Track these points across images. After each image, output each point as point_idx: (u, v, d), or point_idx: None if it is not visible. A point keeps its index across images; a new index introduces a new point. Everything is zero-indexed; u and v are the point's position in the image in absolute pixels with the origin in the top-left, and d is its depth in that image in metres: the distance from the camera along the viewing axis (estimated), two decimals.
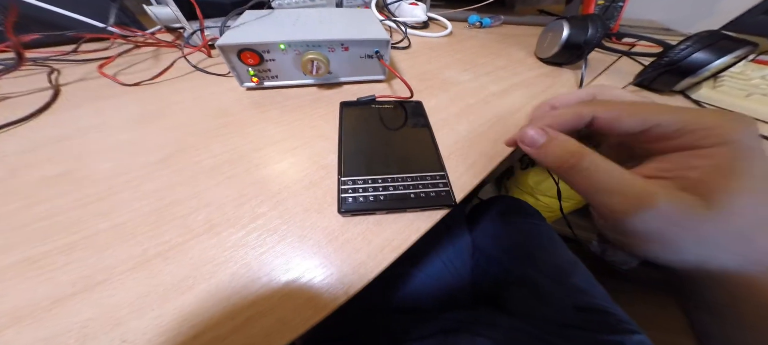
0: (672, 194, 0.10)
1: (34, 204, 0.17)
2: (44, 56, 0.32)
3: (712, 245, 0.10)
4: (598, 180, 0.11)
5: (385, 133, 0.22)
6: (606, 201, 0.11)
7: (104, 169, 0.19)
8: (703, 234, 0.10)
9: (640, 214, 0.10)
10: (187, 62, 0.32)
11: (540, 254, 0.35)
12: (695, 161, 0.10)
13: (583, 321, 0.28)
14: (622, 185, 0.11)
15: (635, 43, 0.47)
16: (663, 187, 0.10)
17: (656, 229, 0.10)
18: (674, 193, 0.10)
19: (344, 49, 0.27)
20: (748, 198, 0.09)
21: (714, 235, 0.10)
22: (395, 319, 0.31)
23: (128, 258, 0.15)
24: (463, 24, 0.55)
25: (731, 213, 0.09)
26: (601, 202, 0.11)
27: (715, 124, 0.10)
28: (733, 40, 0.28)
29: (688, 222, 0.10)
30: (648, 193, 0.10)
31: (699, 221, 0.10)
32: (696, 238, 0.10)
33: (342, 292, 0.14)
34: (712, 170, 0.10)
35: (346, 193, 0.17)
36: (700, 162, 0.10)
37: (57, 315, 0.13)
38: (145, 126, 0.23)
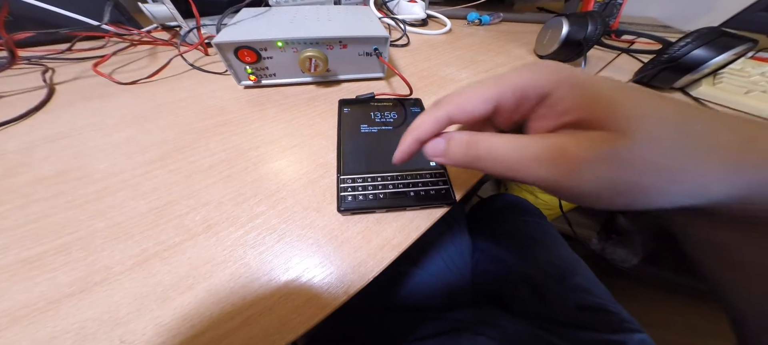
0: (579, 136, 0.10)
1: (29, 204, 0.17)
2: (38, 55, 0.31)
3: (664, 172, 0.09)
4: (507, 160, 0.11)
5: (384, 131, 0.22)
6: (533, 177, 0.11)
7: (101, 168, 0.19)
8: (640, 160, 0.09)
9: (575, 170, 0.10)
10: (184, 60, 0.31)
11: (541, 253, 0.35)
12: (559, 107, 0.11)
13: (584, 320, 0.28)
14: (531, 154, 0.11)
15: (635, 40, 0.47)
16: (567, 135, 0.10)
17: (600, 176, 0.10)
18: (580, 135, 0.10)
19: (343, 47, 0.27)
20: (645, 111, 0.09)
21: (651, 157, 0.09)
22: (396, 319, 0.31)
23: (126, 258, 0.14)
24: (462, 21, 0.55)
25: (643, 129, 0.09)
26: (530, 179, 0.11)
27: (534, 78, 0.11)
28: (733, 36, 0.28)
29: (613, 157, 0.09)
30: (561, 148, 0.10)
31: (624, 151, 0.09)
32: (639, 168, 0.09)
33: (342, 291, 0.14)
34: (579, 105, 0.10)
35: (345, 191, 0.17)
36: (562, 106, 0.11)
37: (55, 316, 0.12)
38: (142, 125, 0.23)
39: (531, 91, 0.11)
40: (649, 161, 0.09)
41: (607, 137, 0.09)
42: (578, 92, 0.10)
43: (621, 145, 0.09)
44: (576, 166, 0.10)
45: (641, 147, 0.09)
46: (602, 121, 0.10)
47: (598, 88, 0.10)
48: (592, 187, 0.10)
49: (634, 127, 0.09)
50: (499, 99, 0.12)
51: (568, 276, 0.32)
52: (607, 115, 0.09)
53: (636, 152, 0.09)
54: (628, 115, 0.09)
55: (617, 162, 0.09)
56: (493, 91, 0.12)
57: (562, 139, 0.10)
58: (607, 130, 0.09)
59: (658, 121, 0.09)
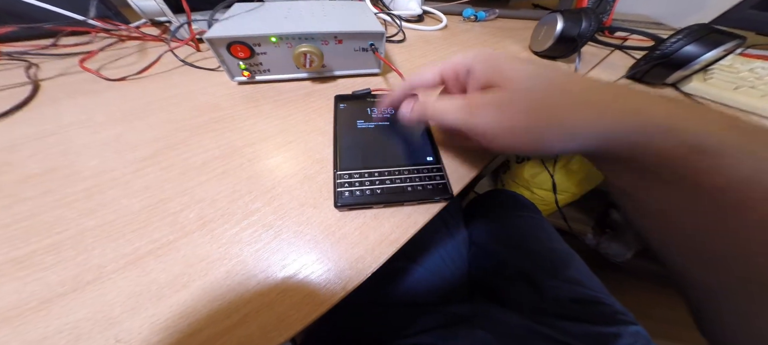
0: (481, 94, 0.15)
1: (16, 203, 0.16)
2: (21, 50, 0.30)
3: (536, 114, 0.13)
4: (439, 109, 0.17)
5: (380, 126, 0.22)
6: (453, 119, 0.16)
7: (90, 166, 0.19)
8: (516, 107, 0.13)
9: (473, 113, 0.15)
10: (175, 56, 0.30)
11: (536, 247, 0.36)
12: (476, 76, 0.16)
13: (579, 313, 0.28)
14: (453, 106, 0.16)
15: (628, 37, 0.48)
16: (475, 94, 0.16)
17: (489, 118, 0.14)
18: (481, 93, 0.15)
19: (338, 42, 0.26)
20: (522, 73, 0.14)
21: (525, 104, 0.13)
22: (394, 314, 0.31)
23: (119, 256, 0.14)
24: (457, 18, 0.55)
25: (518, 84, 0.13)
26: (452, 121, 0.16)
27: (463, 58, 0.17)
28: (722, 33, 0.29)
29: (498, 103, 0.14)
30: (468, 102, 0.15)
31: (505, 100, 0.14)
32: (515, 112, 0.13)
33: (340, 287, 0.14)
34: (486, 73, 0.15)
35: (342, 187, 0.17)
36: (477, 76, 0.16)
37: (47, 316, 0.12)
38: (132, 122, 0.23)
39: (460, 67, 0.17)
40: (524, 107, 0.13)
41: (495, 91, 0.14)
42: (487, 66, 0.15)
43: (504, 96, 0.14)
44: (475, 110, 0.15)
45: (517, 97, 0.13)
46: (497, 82, 0.14)
47: (497, 61, 0.15)
48: (487, 126, 0.14)
49: (514, 85, 0.14)
50: (442, 73, 0.18)
51: (562, 269, 0.33)
52: (501, 79, 0.14)
53: (514, 101, 0.13)
54: (512, 78, 0.14)
55: (500, 106, 0.14)
56: (438, 68, 0.18)
57: (471, 95, 0.16)
58: (498, 87, 0.14)
59: (533, 81, 0.13)
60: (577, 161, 0.64)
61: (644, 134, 0.11)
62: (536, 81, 0.13)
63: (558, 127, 0.13)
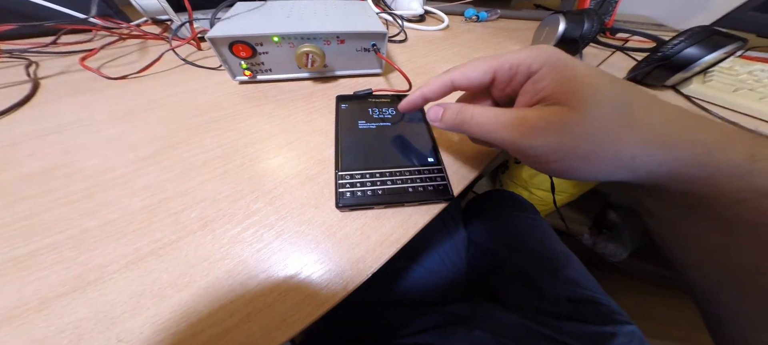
0: (540, 110, 0.12)
1: (16, 201, 0.16)
2: (21, 48, 0.30)
3: (598, 142, 0.11)
4: (484, 124, 0.14)
5: (382, 127, 0.22)
6: (499, 138, 0.14)
7: (91, 165, 0.19)
8: (580, 131, 0.11)
9: (527, 135, 0.12)
10: (176, 55, 0.30)
11: (534, 247, 0.36)
12: (538, 84, 0.13)
13: (576, 312, 0.28)
14: (501, 120, 0.13)
15: (629, 39, 0.48)
16: (532, 109, 0.13)
17: (546, 141, 0.12)
18: (542, 109, 0.13)
19: (340, 42, 0.26)
20: (594, 92, 0.11)
21: (589, 129, 0.11)
22: (393, 313, 0.31)
23: (120, 256, 0.14)
24: (459, 18, 0.55)
25: (588, 106, 0.11)
26: (498, 141, 0.14)
27: (526, 56, 0.14)
28: (723, 35, 0.29)
29: (562, 126, 0.12)
30: (522, 118, 0.13)
31: (572, 123, 0.11)
32: (577, 136, 0.11)
33: (341, 287, 0.14)
34: (553, 83, 0.12)
35: (343, 187, 0.17)
36: (541, 84, 0.13)
37: (48, 315, 0.12)
38: (133, 121, 0.23)
39: (522, 67, 0.14)
40: (591, 134, 0.11)
41: (561, 111, 0.12)
42: (555, 74, 0.12)
43: (571, 118, 0.11)
44: (530, 131, 0.12)
45: (586, 121, 0.11)
46: (565, 99, 0.12)
47: (571, 71, 0.12)
48: (542, 150, 0.12)
49: (585, 106, 0.11)
50: (496, 71, 0.15)
51: (559, 269, 0.33)
52: (572, 96, 0.12)
53: (581, 125, 0.11)
54: (587, 98, 0.11)
55: (565, 131, 0.12)
56: (492, 63, 0.15)
57: (526, 110, 0.13)
58: (565, 105, 0.12)
59: (605, 101, 0.11)
60: None
61: (707, 169, 0.10)
62: (613, 106, 0.11)
63: (619, 156, 0.11)
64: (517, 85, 0.14)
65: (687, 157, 0.11)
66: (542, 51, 0.13)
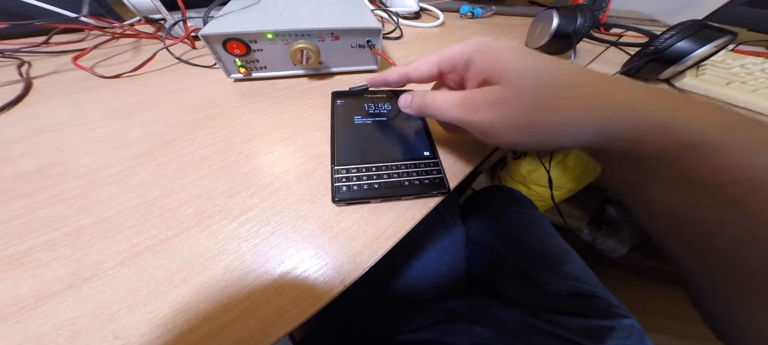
0: (481, 90, 0.14)
1: (10, 200, 0.16)
2: (12, 48, 0.30)
3: (537, 113, 0.13)
4: (439, 105, 0.16)
5: (378, 122, 0.22)
6: (452, 116, 0.15)
7: (85, 162, 0.19)
8: (517, 104, 0.13)
9: (474, 111, 0.14)
10: (170, 54, 0.30)
11: (532, 243, 0.36)
12: (474, 69, 0.15)
13: (575, 307, 0.28)
14: (452, 101, 0.15)
15: (623, 34, 0.48)
16: (474, 90, 0.15)
17: (490, 116, 0.14)
18: (482, 89, 0.14)
19: (335, 39, 0.26)
20: (521, 68, 0.13)
21: (525, 101, 0.13)
22: (392, 309, 0.31)
23: (116, 253, 0.14)
24: (454, 14, 0.55)
25: (516, 80, 0.13)
26: (452, 119, 0.16)
27: (463, 48, 0.16)
28: (714, 29, 0.29)
29: (500, 99, 0.13)
30: (466, 97, 0.15)
31: (507, 97, 0.13)
32: (516, 109, 0.13)
33: (338, 281, 0.14)
34: (485, 66, 0.14)
35: (340, 181, 0.17)
36: (475, 69, 0.15)
37: (44, 313, 0.12)
38: (128, 119, 0.22)
39: (458, 59, 0.16)
40: (524, 105, 0.13)
41: (496, 88, 0.14)
42: (486, 60, 0.14)
43: (504, 92, 0.13)
44: (475, 107, 0.14)
45: (518, 95, 0.13)
46: (497, 78, 0.14)
47: (501, 57, 0.14)
48: (487, 123, 0.14)
49: (514, 82, 0.13)
50: (439, 65, 0.17)
51: (558, 265, 0.33)
52: (500, 75, 0.14)
53: (515, 98, 0.13)
54: (511, 74, 0.13)
55: (502, 104, 0.13)
56: (435, 59, 0.17)
57: (472, 91, 0.15)
58: (498, 83, 0.14)
59: (532, 77, 0.13)
60: (574, 157, 0.65)
61: (637, 129, 0.11)
62: (536, 77, 0.13)
63: (553, 123, 0.13)
64: (461, 74, 0.16)
65: (617, 117, 0.12)
66: (472, 42, 0.15)
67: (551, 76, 0.13)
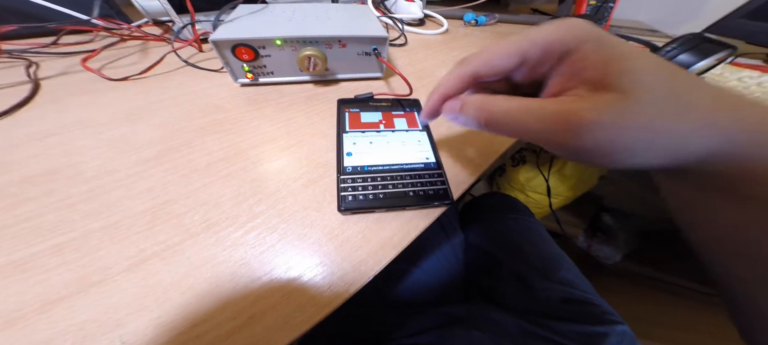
0: (588, 100, 0.10)
1: (18, 203, 0.16)
2: (20, 48, 0.30)
3: (655, 131, 0.10)
4: (519, 119, 0.12)
5: (383, 131, 0.22)
6: (542, 138, 0.11)
7: (93, 166, 0.19)
8: (637, 121, 0.10)
9: (577, 133, 0.10)
10: (178, 57, 0.30)
11: (529, 249, 0.37)
12: (579, 65, 0.11)
13: (570, 313, 0.29)
14: (540, 115, 0.11)
15: None
16: (577, 99, 0.11)
17: (599, 138, 0.10)
18: (590, 97, 0.10)
19: (342, 46, 0.27)
20: (647, 75, 0.10)
21: (647, 118, 0.10)
22: (391, 314, 0.31)
23: (123, 258, 0.14)
24: (458, 22, 0.55)
25: (643, 91, 0.10)
26: (538, 139, 0.12)
27: (559, 34, 0.11)
28: (714, 43, 0.29)
29: (617, 117, 0.10)
30: (569, 112, 0.11)
31: (631, 112, 0.10)
32: (635, 128, 0.10)
33: (343, 290, 0.14)
34: (598, 64, 0.10)
35: (345, 191, 0.17)
36: (582, 64, 0.11)
37: (52, 318, 0.12)
38: (135, 122, 0.23)
39: (556, 45, 0.11)
40: (649, 122, 0.10)
41: (616, 99, 0.10)
42: (598, 53, 0.10)
43: (628, 106, 0.10)
44: (582, 126, 0.10)
45: (644, 110, 0.10)
46: (615, 83, 0.10)
47: (614, 49, 0.10)
48: (595, 145, 0.10)
49: (639, 90, 0.10)
50: (524, 54, 0.12)
51: (554, 271, 0.33)
52: (618, 77, 0.10)
53: (640, 113, 0.10)
54: (634, 78, 0.10)
55: (623, 122, 0.10)
56: (519, 46, 0.12)
57: (572, 101, 0.11)
58: (617, 91, 0.10)
59: (656, 84, 0.10)
60: (571, 166, 0.66)
61: (753, 151, 0.10)
62: (664, 88, 0.10)
63: (672, 141, 0.10)
64: (548, 68, 0.12)
65: (737, 136, 0.10)
66: (575, 26, 0.11)
67: (678, 87, 0.10)
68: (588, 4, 0.51)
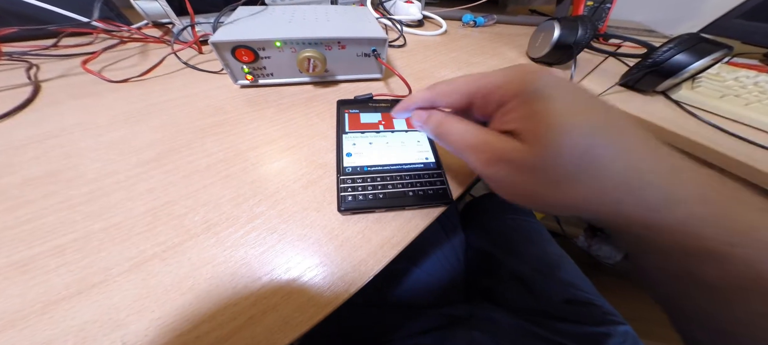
0: (503, 142, 0.12)
1: (19, 205, 0.16)
2: (21, 50, 0.30)
3: (552, 190, 0.11)
4: (454, 139, 0.14)
5: (382, 132, 0.22)
6: (465, 158, 0.14)
7: (93, 168, 0.19)
8: (536, 177, 0.11)
9: (487, 164, 0.12)
10: (178, 59, 0.31)
11: (530, 249, 0.37)
12: (505, 117, 0.13)
13: (571, 313, 0.29)
14: (468, 142, 0.13)
15: (621, 44, 0.49)
16: (498, 139, 0.12)
17: (501, 176, 0.12)
18: (505, 140, 0.12)
19: (341, 48, 0.27)
20: (571, 138, 0.10)
21: (547, 177, 0.11)
22: (392, 315, 0.31)
23: (124, 259, 0.14)
24: (457, 23, 0.56)
25: (555, 154, 0.10)
26: (464, 159, 0.14)
27: (500, 83, 0.13)
28: (711, 43, 0.30)
29: (518, 165, 0.11)
30: (485, 145, 0.13)
31: (529, 165, 0.11)
32: (532, 183, 0.11)
33: (343, 290, 0.14)
34: (518, 120, 0.12)
35: (345, 191, 0.17)
36: (507, 117, 0.12)
37: (52, 318, 0.12)
38: (136, 124, 0.23)
39: (494, 96, 0.13)
40: (549, 179, 0.11)
41: (522, 149, 0.11)
42: (522, 109, 0.12)
43: (528, 160, 0.11)
44: (491, 159, 0.12)
45: (542, 166, 0.11)
46: (528, 137, 0.11)
47: (541, 106, 0.11)
48: (497, 180, 0.13)
49: (546, 150, 0.11)
50: (471, 98, 0.14)
51: (555, 271, 0.33)
52: (533, 134, 0.11)
53: (537, 170, 0.11)
54: (546, 139, 0.11)
55: (521, 170, 0.11)
56: (466, 89, 0.14)
57: (493, 137, 0.13)
58: (526, 144, 0.11)
59: (569, 148, 0.10)
60: None
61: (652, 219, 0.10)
62: (575, 153, 0.10)
63: (571, 205, 0.11)
64: (491, 110, 0.14)
65: (635, 211, 0.10)
66: (516, 78, 0.12)
67: (594, 152, 0.10)
68: (585, 5, 0.52)
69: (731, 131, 0.28)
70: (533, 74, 0.12)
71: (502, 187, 0.13)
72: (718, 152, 0.26)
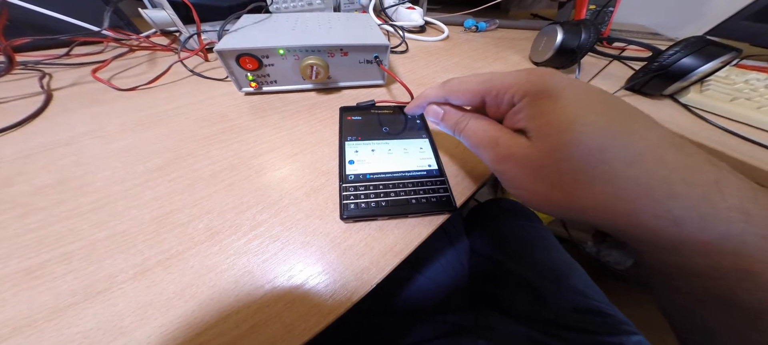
0: (513, 139, 0.13)
1: (28, 213, 0.17)
2: (34, 60, 0.31)
3: (557, 191, 0.11)
4: (471, 136, 0.15)
5: (385, 138, 0.22)
6: (480, 154, 0.14)
7: (101, 176, 0.19)
8: (540, 176, 0.11)
9: (497, 160, 0.13)
10: (184, 67, 0.31)
11: (537, 256, 0.36)
12: (516, 117, 0.13)
13: (582, 322, 0.28)
14: (482, 138, 0.14)
15: (625, 48, 0.49)
16: (509, 136, 0.13)
17: (510, 173, 0.13)
18: (515, 138, 0.13)
19: (343, 55, 0.27)
20: (578, 137, 0.10)
21: (552, 178, 0.11)
22: (395, 322, 0.31)
23: (129, 267, 0.14)
24: (459, 28, 0.56)
25: (562, 155, 0.11)
26: (479, 155, 0.14)
27: (511, 84, 0.13)
28: (719, 45, 0.29)
29: (524, 164, 0.12)
30: (496, 141, 0.13)
31: (533, 165, 0.12)
32: (537, 182, 0.12)
33: (346, 298, 0.14)
34: (527, 119, 0.12)
35: (348, 199, 0.17)
36: (517, 116, 0.13)
37: (58, 325, 0.12)
38: (143, 132, 0.23)
39: (505, 97, 0.14)
40: (556, 178, 0.11)
41: (528, 147, 0.12)
42: (531, 109, 0.12)
43: (533, 159, 0.12)
44: (503, 155, 0.13)
45: (547, 166, 0.11)
46: (536, 136, 0.12)
47: (550, 106, 0.11)
48: (508, 178, 0.13)
49: (553, 152, 0.11)
50: (484, 96, 0.15)
51: (564, 278, 0.32)
52: (541, 133, 0.11)
53: (542, 169, 0.11)
54: (555, 140, 0.11)
55: (526, 168, 0.12)
56: (480, 88, 0.15)
57: (504, 134, 0.13)
58: (533, 144, 0.12)
59: (576, 150, 0.10)
60: None
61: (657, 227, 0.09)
62: (582, 156, 0.10)
63: (574, 210, 0.11)
64: (503, 110, 0.14)
65: (641, 221, 0.10)
66: (528, 79, 0.12)
67: (602, 158, 0.10)
68: (588, 8, 0.51)
69: (745, 135, 0.27)
70: (545, 75, 0.12)
71: (513, 185, 0.13)
72: (733, 158, 0.26)
